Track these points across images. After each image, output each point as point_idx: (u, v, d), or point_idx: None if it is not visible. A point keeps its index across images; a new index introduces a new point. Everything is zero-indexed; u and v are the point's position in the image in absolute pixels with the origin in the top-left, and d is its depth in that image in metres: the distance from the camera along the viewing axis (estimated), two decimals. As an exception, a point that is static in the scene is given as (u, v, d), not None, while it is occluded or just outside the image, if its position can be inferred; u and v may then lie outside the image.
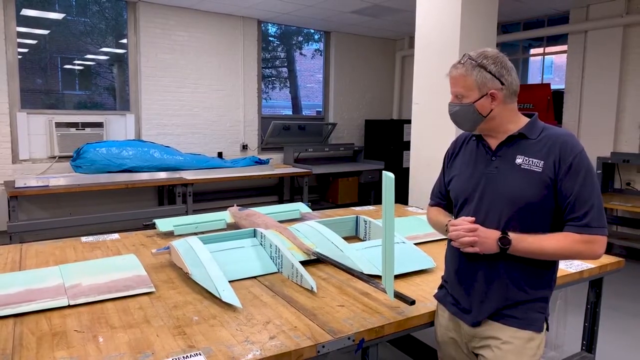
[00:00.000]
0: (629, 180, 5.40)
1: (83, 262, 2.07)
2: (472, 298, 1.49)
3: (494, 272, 1.44)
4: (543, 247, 1.35)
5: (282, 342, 1.40)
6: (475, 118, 1.45)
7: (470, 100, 1.44)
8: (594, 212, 1.34)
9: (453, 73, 1.47)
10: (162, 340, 1.40)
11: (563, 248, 1.34)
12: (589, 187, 1.36)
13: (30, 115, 5.14)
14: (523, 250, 1.36)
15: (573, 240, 1.34)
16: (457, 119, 1.50)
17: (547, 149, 1.40)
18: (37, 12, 5.26)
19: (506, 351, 1.42)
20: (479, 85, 1.42)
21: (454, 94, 1.49)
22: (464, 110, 1.46)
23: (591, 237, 1.34)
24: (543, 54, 6.57)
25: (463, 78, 1.44)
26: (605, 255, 2.35)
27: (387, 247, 1.50)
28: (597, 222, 1.34)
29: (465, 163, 1.57)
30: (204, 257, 1.89)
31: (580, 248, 1.34)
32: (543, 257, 1.39)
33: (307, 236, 2.30)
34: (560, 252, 1.36)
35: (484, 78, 1.41)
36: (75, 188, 4.60)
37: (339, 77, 7.47)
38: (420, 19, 3.84)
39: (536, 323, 1.44)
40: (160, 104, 5.89)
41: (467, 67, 1.43)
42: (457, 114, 1.48)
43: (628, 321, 3.49)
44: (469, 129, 1.52)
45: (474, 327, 1.49)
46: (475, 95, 1.43)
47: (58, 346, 1.36)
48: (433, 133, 3.76)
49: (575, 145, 1.38)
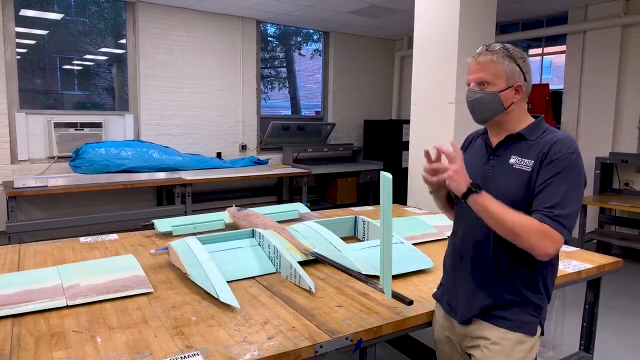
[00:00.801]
0: (628, 180, 5.40)
1: (81, 262, 2.07)
2: (460, 296, 1.50)
3: (484, 271, 1.44)
4: (503, 214, 1.29)
5: (280, 342, 1.40)
6: (496, 108, 1.41)
7: (496, 89, 1.39)
8: (564, 209, 1.29)
9: (481, 58, 1.41)
10: (160, 341, 1.40)
11: (521, 226, 1.27)
12: (566, 185, 1.30)
13: (29, 116, 5.14)
14: (484, 206, 1.30)
15: (531, 225, 1.28)
16: (476, 107, 1.43)
17: (539, 149, 1.38)
18: (35, 13, 5.25)
19: (494, 352, 1.42)
20: (507, 75, 1.39)
21: (476, 81, 1.42)
22: (487, 99, 1.40)
23: (549, 230, 1.27)
24: (542, 54, 6.58)
25: (493, 65, 1.39)
26: (604, 255, 2.37)
27: (385, 248, 1.50)
28: (564, 220, 1.28)
29: (468, 160, 1.57)
30: (202, 257, 1.89)
31: (533, 237, 1.27)
32: (498, 225, 1.32)
33: (306, 236, 2.30)
34: (514, 230, 1.28)
35: (514, 69, 1.39)
36: (74, 188, 4.59)
37: (338, 77, 7.47)
38: (419, 19, 3.84)
39: (528, 326, 1.41)
40: (159, 104, 5.89)
41: (499, 54, 1.39)
42: (479, 101, 1.42)
43: (626, 321, 3.50)
44: (485, 120, 1.46)
45: (464, 325, 1.49)
46: (502, 84, 1.39)
47: (56, 346, 1.36)
48: (432, 133, 3.76)
49: (568, 146, 1.34)
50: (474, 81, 1.43)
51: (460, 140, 1.69)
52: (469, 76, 1.45)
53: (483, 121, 1.47)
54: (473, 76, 1.43)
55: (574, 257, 2.30)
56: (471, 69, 1.44)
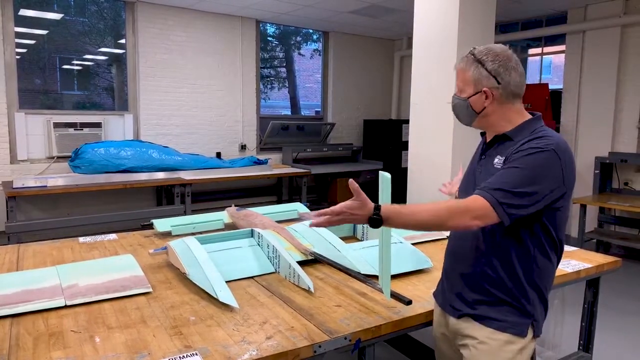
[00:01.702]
0: (627, 180, 5.41)
1: (80, 262, 2.07)
2: (453, 291, 1.51)
3: (473, 268, 1.45)
4: (416, 217, 1.28)
5: (278, 342, 1.40)
6: (469, 113, 1.46)
7: (465, 95, 1.45)
8: (498, 185, 1.28)
9: (456, 66, 1.48)
10: (159, 341, 1.40)
11: (437, 216, 1.27)
12: (518, 170, 1.29)
13: (29, 116, 5.14)
14: (395, 223, 1.29)
15: (447, 207, 1.27)
16: (455, 112, 1.52)
17: (518, 146, 1.36)
18: (35, 12, 5.25)
19: (481, 351, 1.42)
20: (474, 82, 1.41)
21: (456, 87, 1.50)
22: (460, 105, 1.47)
23: (470, 204, 1.27)
24: (541, 54, 6.58)
25: (462, 72, 1.45)
26: (603, 255, 2.37)
27: (383, 247, 1.50)
28: (492, 192, 1.26)
29: (470, 162, 1.61)
30: (201, 257, 1.89)
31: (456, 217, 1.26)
32: (421, 228, 1.34)
33: (305, 236, 2.30)
34: (434, 222, 1.29)
35: (480, 75, 1.40)
36: (73, 188, 4.59)
37: (338, 77, 7.47)
38: (419, 19, 3.84)
39: (517, 327, 1.39)
40: (158, 104, 5.89)
41: (467, 61, 1.43)
42: (455, 107, 1.50)
43: (625, 320, 3.50)
44: (466, 124, 1.52)
45: (456, 319, 1.49)
46: (470, 90, 1.43)
47: (54, 346, 1.36)
48: (431, 133, 3.76)
49: (541, 143, 1.31)
50: (456, 88, 1.50)
51: (459, 139, 1.71)
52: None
53: (467, 124, 1.53)
54: (456, 83, 1.51)
55: (573, 256, 2.30)
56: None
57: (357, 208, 1.28)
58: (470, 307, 1.46)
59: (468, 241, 1.46)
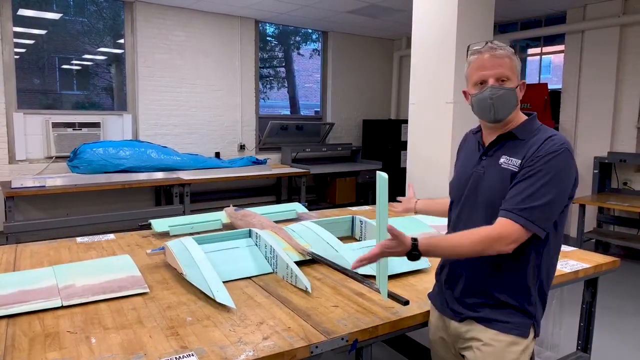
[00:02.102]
0: (626, 179, 5.40)
1: (77, 262, 2.06)
2: (454, 295, 1.50)
3: (477, 272, 1.44)
4: (456, 248, 1.33)
5: (275, 342, 1.40)
6: (514, 104, 1.38)
7: (513, 85, 1.37)
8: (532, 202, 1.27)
9: (500, 52, 1.35)
10: (155, 341, 1.40)
11: (476, 245, 1.29)
12: (543, 179, 1.28)
13: (27, 116, 5.14)
14: (435, 254, 1.36)
15: (488, 235, 1.29)
16: (499, 103, 1.36)
17: (528, 148, 1.36)
18: (34, 12, 5.25)
19: (486, 353, 1.41)
20: (518, 72, 1.40)
21: (497, 76, 1.35)
22: (509, 95, 1.36)
23: (503, 232, 1.28)
24: (540, 54, 6.58)
25: (509, 60, 1.36)
26: (601, 255, 2.37)
27: (380, 248, 1.49)
28: (527, 214, 1.27)
29: (462, 161, 1.57)
30: (198, 257, 1.88)
31: (495, 244, 1.28)
32: (459, 256, 1.39)
33: (303, 236, 2.30)
34: (473, 252, 1.32)
35: (518, 66, 1.40)
36: (72, 188, 4.59)
37: (337, 77, 7.47)
38: (417, 19, 3.84)
39: (520, 328, 1.40)
40: (157, 104, 5.89)
41: (508, 51, 1.38)
42: (502, 98, 1.35)
43: (624, 320, 3.49)
44: (504, 117, 1.39)
45: (457, 323, 1.48)
46: (516, 81, 1.39)
47: (50, 347, 1.36)
48: (430, 133, 3.76)
49: (555, 145, 1.31)
50: (493, 77, 1.36)
51: (458, 139, 1.69)
52: (482, 72, 1.37)
53: (501, 119, 1.39)
54: (492, 71, 1.35)
55: (571, 256, 2.29)
56: (486, 64, 1.36)
57: (396, 247, 1.33)
58: (473, 311, 1.45)
59: None
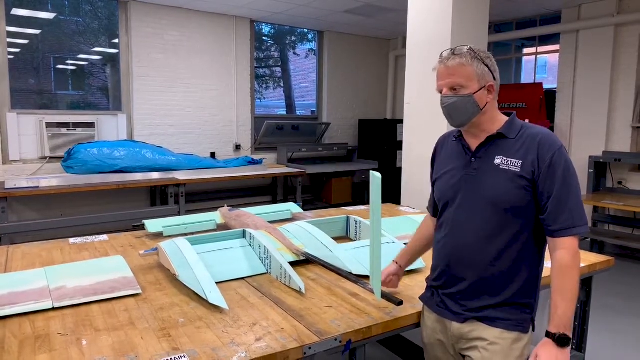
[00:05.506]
0: (621, 179, 5.42)
1: (69, 264, 2.05)
2: (456, 297, 1.49)
3: (479, 274, 1.44)
4: (572, 300, 1.35)
5: (268, 343, 1.39)
6: (473, 110, 1.41)
7: (469, 91, 1.40)
8: (574, 213, 1.35)
9: (451, 63, 1.42)
10: (147, 343, 1.39)
11: (574, 281, 1.34)
12: (567, 186, 1.35)
13: (21, 116, 5.10)
14: (570, 316, 1.36)
15: (572, 267, 1.34)
16: (452, 111, 1.43)
17: (525, 148, 1.39)
18: (28, 12, 5.21)
19: (493, 352, 1.41)
20: (478, 77, 1.40)
21: (449, 86, 1.43)
22: (463, 102, 1.41)
23: (574, 252, 1.35)
24: (535, 54, 6.59)
25: (463, 68, 1.40)
26: (595, 254, 2.37)
27: (374, 248, 1.49)
28: (580, 229, 1.36)
29: (446, 165, 1.56)
30: (191, 258, 1.87)
31: (578, 269, 1.35)
32: (576, 296, 1.39)
33: (297, 236, 2.29)
34: (578, 286, 1.37)
35: (483, 70, 1.41)
36: (66, 189, 4.56)
37: (333, 76, 7.46)
38: (412, 18, 3.83)
39: (523, 324, 1.43)
40: (152, 104, 5.86)
41: (467, 57, 1.40)
42: (455, 105, 1.42)
43: (618, 320, 3.50)
44: (462, 123, 1.45)
45: (459, 324, 1.47)
46: (475, 86, 1.40)
47: (40, 349, 1.35)
48: (425, 132, 3.75)
49: (553, 142, 1.37)
50: (446, 86, 1.44)
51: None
52: (439, 82, 1.46)
53: (461, 125, 1.47)
54: (444, 81, 1.44)
55: (566, 256, 2.29)
56: (441, 74, 1.45)
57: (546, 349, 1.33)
58: (475, 311, 1.45)
59: (472, 247, 1.44)
